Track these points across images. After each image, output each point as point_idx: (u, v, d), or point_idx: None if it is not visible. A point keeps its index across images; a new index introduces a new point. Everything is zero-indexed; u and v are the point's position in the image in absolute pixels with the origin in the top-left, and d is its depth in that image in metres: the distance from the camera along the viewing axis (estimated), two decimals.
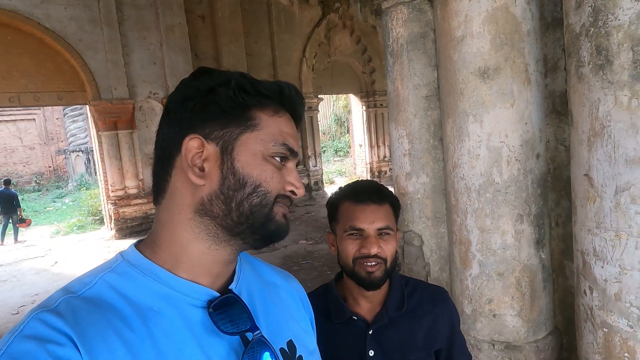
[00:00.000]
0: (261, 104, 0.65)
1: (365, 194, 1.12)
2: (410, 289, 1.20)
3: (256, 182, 0.62)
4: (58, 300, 0.56)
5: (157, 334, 0.57)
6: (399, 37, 2.52)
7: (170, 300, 0.60)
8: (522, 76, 2.06)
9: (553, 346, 2.24)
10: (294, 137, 0.68)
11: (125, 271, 0.62)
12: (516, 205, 2.12)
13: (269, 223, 0.63)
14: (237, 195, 0.61)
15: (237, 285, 0.68)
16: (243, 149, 0.63)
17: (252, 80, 0.66)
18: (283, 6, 10.90)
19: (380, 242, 1.09)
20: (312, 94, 11.64)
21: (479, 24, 2.05)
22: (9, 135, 19.10)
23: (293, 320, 0.76)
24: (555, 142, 2.21)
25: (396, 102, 2.61)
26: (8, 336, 0.51)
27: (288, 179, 0.66)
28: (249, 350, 0.61)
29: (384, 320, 1.13)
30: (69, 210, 14.31)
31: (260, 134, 0.64)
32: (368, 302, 1.16)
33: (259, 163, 0.63)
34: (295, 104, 0.69)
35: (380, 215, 1.11)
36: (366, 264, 1.08)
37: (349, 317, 1.14)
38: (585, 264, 1.80)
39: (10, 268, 7.62)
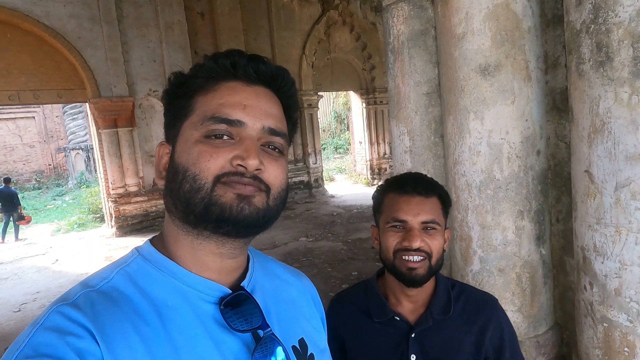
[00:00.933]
0: (200, 88, 0.63)
1: (410, 185, 1.07)
2: (457, 292, 1.13)
3: (184, 168, 0.59)
4: (77, 294, 0.57)
5: (172, 328, 0.58)
6: (400, 34, 2.52)
7: (184, 295, 0.61)
8: (523, 73, 2.07)
9: (553, 341, 2.26)
10: (234, 105, 0.61)
11: (141, 266, 0.63)
12: (517, 202, 2.13)
13: (211, 207, 0.58)
14: (173, 186, 0.61)
15: (249, 282, 0.68)
16: (180, 140, 0.62)
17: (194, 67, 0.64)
18: (283, 3, 10.89)
19: (424, 236, 1.03)
20: (312, 91, 11.63)
21: (479, 21, 2.05)
22: (8, 133, 19.09)
23: (304, 318, 0.76)
24: (556, 138, 2.22)
25: (397, 99, 2.62)
26: (30, 329, 0.53)
27: (234, 152, 0.59)
28: (261, 346, 0.61)
29: (428, 323, 1.06)
30: (69, 208, 14.32)
31: (193, 118, 0.62)
32: (411, 302, 1.10)
33: (189, 148, 0.60)
34: (236, 66, 0.63)
35: (426, 208, 1.04)
36: (407, 259, 1.02)
37: (391, 317, 1.08)
38: (585, 260, 1.81)
39: (11, 266, 7.63)
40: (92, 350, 0.51)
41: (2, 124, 18.95)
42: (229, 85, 0.62)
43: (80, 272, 6.50)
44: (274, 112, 0.64)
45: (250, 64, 0.63)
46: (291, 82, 0.68)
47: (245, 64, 0.63)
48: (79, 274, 6.41)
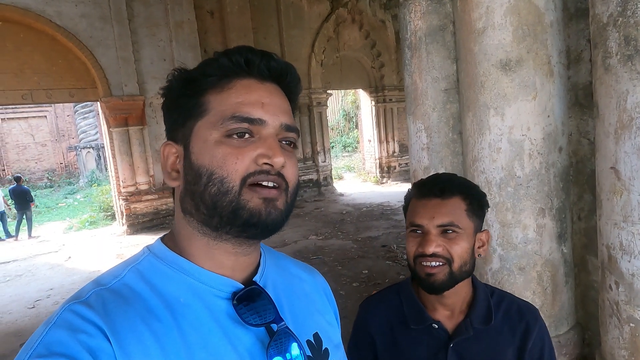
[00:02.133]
0: (211, 85, 0.61)
1: (427, 187, 1.02)
2: (496, 299, 1.07)
3: (209, 171, 0.58)
4: (89, 293, 0.57)
5: (184, 324, 0.58)
6: (418, 29, 2.49)
7: (196, 291, 0.61)
8: (545, 68, 2.03)
9: (575, 341, 2.22)
10: (254, 103, 0.60)
11: (152, 264, 0.63)
12: (538, 199, 2.10)
13: (239, 211, 0.58)
14: (197, 188, 0.59)
15: (262, 278, 0.68)
16: (196, 140, 0.61)
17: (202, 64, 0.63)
18: (292, 1, 10.88)
19: (442, 240, 0.97)
20: (321, 89, 11.61)
21: (500, 16, 2.02)
22: (21, 132, 19.31)
23: (318, 313, 0.75)
24: (578, 135, 2.18)
25: (414, 96, 2.59)
26: (43, 327, 0.53)
27: (257, 151, 0.59)
28: (275, 340, 0.61)
29: (468, 332, 1.00)
30: (80, 207, 14.45)
31: (209, 117, 0.60)
32: (446, 309, 1.04)
33: (210, 148, 0.59)
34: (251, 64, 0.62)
35: (443, 210, 0.98)
36: (425, 265, 0.98)
37: (429, 324, 1.03)
38: (610, 259, 1.78)
39: (25, 263, 7.71)
40: (104, 348, 0.52)
41: (15, 123, 19.16)
42: (244, 83, 0.61)
43: (92, 269, 6.55)
44: (287, 108, 0.65)
45: (263, 60, 0.62)
46: (298, 78, 0.68)
47: (259, 61, 0.62)
48: (92, 271, 6.46)
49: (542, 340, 1.04)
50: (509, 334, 1.02)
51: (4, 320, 5.06)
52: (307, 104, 11.38)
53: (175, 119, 0.64)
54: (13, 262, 7.91)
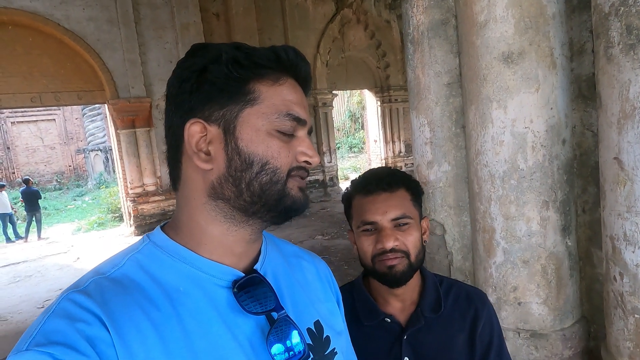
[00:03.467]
0: (259, 75, 0.62)
1: (372, 183, 1.01)
2: (445, 287, 1.07)
3: (263, 160, 0.60)
4: (88, 282, 0.57)
5: (184, 313, 0.58)
6: (420, 24, 2.50)
7: (196, 280, 0.61)
8: (548, 60, 2.03)
9: (580, 335, 2.21)
10: (299, 104, 0.64)
11: (152, 252, 0.62)
12: (542, 192, 2.09)
13: (284, 199, 0.62)
14: (246, 175, 0.60)
15: (263, 265, 0.68)
16: (245, 127, 0.60)
17: (247, 51, 0.62)
18: (297, 2, 10.91)
19: (397, 233, 0.97)
20: (327, 90, 11.62)
21: (502, 8, 2.02)
22: (30, 135, 19.54)
23: (319, 301, 0.75)
24: (582, 127, 2.17)
25: (417, 91, 2.59)
26: (42, 316, 0.54)
27: (299, 149, 0.63)
28: (275, 328, 0.61)
29: (419, 322, 1.01)
30: (89, 208, 14.58)
31: (261, 108, 0.61)
32: (399, 302, 1.04)
33: (263, 139, 0.60)
34: (297, 66, 0.65)
35: (393, 204, 0.98)
36: (385, 259, 0.97)
37: (382, 318, 1.02)
38: (615, 250, 1.77)
39: (34, 264, 7.80)
40: (102, 336, 0.52)
41: (25, 127, 19.39)
42: (291, 82, 0.64)
43: None
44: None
45: (302, 66, 0.66)
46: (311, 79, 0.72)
47: (304, 65, 0.66)
48: None
49: (490, 323, 1.04)
50: (459, 320, 1.03)
51: (14, 320, 5.12)
52: (312, 105, 11.39)
53: (210, 98, 0.61)
54: (23, 263, 8.01)
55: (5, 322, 5.11)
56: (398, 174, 1.04)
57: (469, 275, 2.56)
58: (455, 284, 1.10)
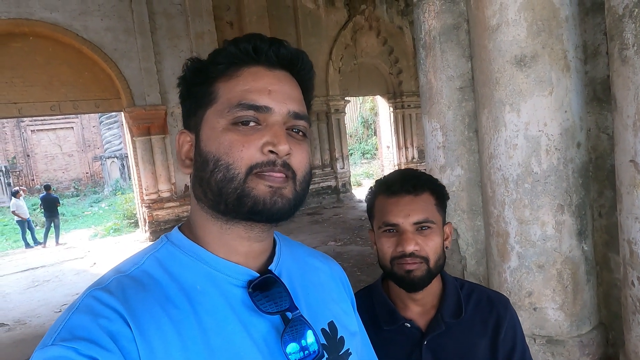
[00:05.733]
0: (218, 74, 0.62)
1: (397, 184, 0.99)
2: (466, 292, 1.05)
3: (215, 157, 0.59)
4: (110, 280, 0.59)
5: (201, 311, 0.59)
6: (432, 29, 2.50)
7: (212, 279, 0.62)
8: (561, 63, 2.02)
9: (598, 341, 2.16)
10: (260, 90, 0.60)
11: (170, 251, 0.64)
12: (556, 196, 2.07)
13: (244, 198, 0.58)
14: (204, 174, 0.60)
15: (277, 266, 0.68)
16: (205, 127, 0.62)
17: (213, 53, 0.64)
18: (309, 10, 11.01)
19: (418, 237, 0.96)
20: (339, 96, 11.66)
21: (514, 12, 2.02)
22: (49, 143, 19.98)
23: (333, 302, 0.75)
24: (597, 130, 2.14)
25: (429, 95, 2.59)
26: (66, 313, 0.56)
27: (263, 139, 0.59)
28: (290, 328, 0.61)
29: (440, 328, 0.99)
30: (105, 214, 14.82)
31: (217, 106, 0.61)
32: (419, 306, 1.03)
33: (217, 135, 0.60)
34: (258, 51, 0.62)
35: (417, 207, 0.97)
36: (403, 263, 0.96)
37: (402, 323, 1.01)
38: (632, 254, 1.74)
39: (52, 269, 7.94)
40: (123, 332, 0.53)
41: (44, 135, 19.85)
42: (252, 70, 0.62)
43: None
44: (296, 96, 0.64)
45: (271, 48, 0.62)
46: (310, 65, 0.68)
47: (267, 48, 0.62)
48: None
49: (513, 328, 1.02)
50: (480, 326, 1.01)
51: (33, 324, 5.21)
52: (325, 111, 11.44)
53: (188, 108, 0.65)
54: (41, 267, 8.16)
55: (24, 325, 5.21)
56: (424, 176, 1.03)
57: (483, 280, 2.53)
58: (477, 288, 1.08)
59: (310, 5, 11.07)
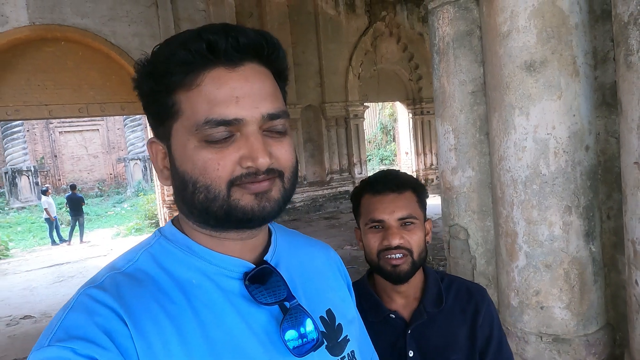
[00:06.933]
0: (174, 85, 0.56)
1: (381, 183, 1.07)
2: (446, 283, 1.13)
3: (192, 179, 0.56)
4: (104, 277, 0.58)
5: (198, 305, 0.58)
6: (445, 35, 2.59)
7: (207, 273, 0.61)
8: (570, 69, 2.08)
9: (605, 341, 2.20)
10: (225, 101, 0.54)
11: (164, 246, 0.63)
12: (564, 197, 2.12)
13: (232, 212, 0.57)
14: (185, 194, 0.58)
15: (273, 256, 0.68)
16: (175, 144, 0.58)
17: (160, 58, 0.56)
18: (330, 16, 11.16)
19: (403, 232, 1.03)
20: (358, 102, 11.75)
21: (524, 19, 2.09)
22: (76, 144, 20.61)
23: (331, 289, 0.75)
24: (606, 134, 2.19)
25: (442, 99, 2.67)
26: (61, 312, 0.55)
27: (240, 153, 0.55)
28: (288, 317, 0.61)
29: (422, 317, 1.06)
30: (127, 215, 15.20)
31: (183, 121, 0.56)
32: (402, 298, 1.10)
33: (190, 155, 0.56)
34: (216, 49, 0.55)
35: (401, 204, 1.04)
36: (390, 257, 1.03)
37: (386, 315, 1.08)
38: (636, 254, 1.79)
39: (77, 265, 8.23)
40: (120, 329, 0.53)
41: (71, 136, 20.49)
42: (212, 75, 0.55)
43: None
44: (269, 91, 0.58)
45: (229, 40, 0.55)
46: (277, 45, 0.61)
47: (225, 42, 0.54)
48: None
49: (490, 317, 1.09)
50: (460, 314, 1.08)
51: None
52: (343, 116, 11.55)
53: (153, 116, 0.61)
54: (66, 264, 8.46)
55: (49, 318, 5.39)
56: (406, 176, 1.11)
57: (492, 279, 2.59)
58: (456, 279, 1.16)
59: (331, 11, 11.22)
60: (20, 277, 7.63)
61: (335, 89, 11.22)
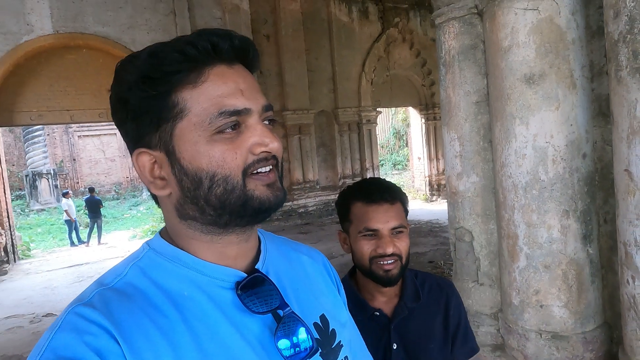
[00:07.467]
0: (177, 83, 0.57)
1: (377, 194, 1.13)
2: (420, 280, 1.24)
3: (210, 173, 0.57)
4: (92, 293, 0.57)
5: (190, 318, 0.58)
6: (451, 49, 2.75)
7: (198, 284, 0.61)
8: (567, 81, 2.22)
9: (602, 339, 2.31)
10: (234, 92, 0.58)
11: (153, 259, 0.62)
12: (562, 202, 2.25)
13: (248, 202, 0.58)
14: (200, 193, 0.58)
15: (264, 264, 0.68)
16: (182, 144, 0.58)
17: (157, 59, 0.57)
18: (343, 23, 11.35)
19: (395, 240, 1.11)
20: (371, 107, 11.88)
21: (524, 35, 2.24)
22: (94, 148, 21.12)
23: (322, 294, 0.76)
24: (603, 142, 2.32)
25: (448, 108, 2.82)
26: (49, 332, 0.53)
27: (251, 140, 0.58)
28: (282, 325, 0.61)
29: (404, 312, 1.16)
30: (143, 217, 15.55)
31: (191, 117, 0.57)
32: (384, 297, 1.18)
33: (204, 150, 0.57)
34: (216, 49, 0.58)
35: (393, 215, 1.12)
36: (383, 263, 1.10)
37: (372, 313, 1.16)
38: (627, 255, 1.91)
39: (95, 266, 8.50)
40: (111, 348, 0.52)
41: (89, 140, 21.00)
42: (216, 71, 0.58)
43: None
44: (258, 86, 0.63)
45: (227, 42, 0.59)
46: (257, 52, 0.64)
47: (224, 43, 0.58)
48: None
49: (459, 307, 1.24)
50: (434, 306, 1.22)
51: None
52: (356, 122, 11.69)
53: (143, 124, 0.59)
54: (85, 264, 8.74)
55: None
56: (396, 188, 1.20)
57: (495, 279, 2.72)
58: (428, 276, 1.29)
59: (345, 18, 11.41)
60: (42, 276, 7.92)
61: (348, 95, 11.38)
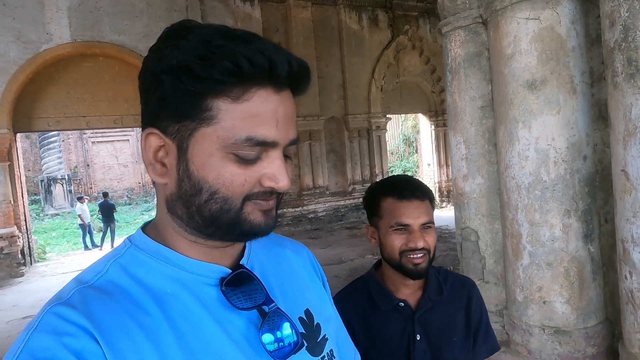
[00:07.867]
0: (217, 91, 0.53)
1: (409, 190, 1.17)
2: (443, 275, 1.28)
3: (212, 189, 0.55)
4: (71, 292, 0.55)
5: (174, 315, 0.56)
6: (457, 56, 2.87)
7: (182, 281, 0.59)
8: (568, 87, 2.33)
9: (604, 335, 2.40)
10: (270, 120, 0.54)
11: (135, 256, 0.60)
12: (563, 202, 2.35)
13: (240, 224, 0.57)
14: (195, 200, 0.56)
15: (249, 260, 0.67)
16: (198, 148, 0.54)
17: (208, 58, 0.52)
18: (354, 31, 11.52)
19: (424, 235, 1.16)
20: (380, 114, 12.00)
21: (526, 43, 2.35)
22: (107, 154, 21.50)
23: (307, 289, 0.75)
24: (602, 145, 2.42)
25: (454, 113, 2.94)
26: (25, 333, 0.51)
27: (266, 171, 0.56)
28: (267, 321, 0.60)
29: (427, 305, 1.20)
30: None
31: (217, 129, 0.53)
32: (408, 289, 1.22)
33: (216, 165, 0.54)
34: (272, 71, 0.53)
35: (424, 211, 1.17)
36: (413, 257, 1.14)
37: (396, 303, 1.20)
38: (625, 251, 2.00)
39: None
40: (91, 349, 0.50)
41: (103, 146, 21.40)
42: (261, 94, 0.54)
43: None
44: (295, 118, 0.60)
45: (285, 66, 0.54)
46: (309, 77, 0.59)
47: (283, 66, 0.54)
48: None
49: (480, 302, 1.30)
50: (457, 301, 1.26)
51: None
52: (366, 128, 11.81)
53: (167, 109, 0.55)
54: None
55: None
56: (425, 186, 1.24)
57: (500, 277, 2.81)
58: (450, 272, 1.34)
59: (355, 26, 11.58)
60: (57, 278, 8.12)
61: (358, 101, 11.52)
